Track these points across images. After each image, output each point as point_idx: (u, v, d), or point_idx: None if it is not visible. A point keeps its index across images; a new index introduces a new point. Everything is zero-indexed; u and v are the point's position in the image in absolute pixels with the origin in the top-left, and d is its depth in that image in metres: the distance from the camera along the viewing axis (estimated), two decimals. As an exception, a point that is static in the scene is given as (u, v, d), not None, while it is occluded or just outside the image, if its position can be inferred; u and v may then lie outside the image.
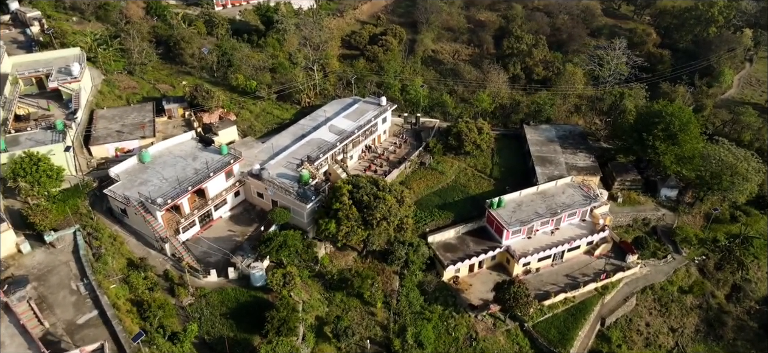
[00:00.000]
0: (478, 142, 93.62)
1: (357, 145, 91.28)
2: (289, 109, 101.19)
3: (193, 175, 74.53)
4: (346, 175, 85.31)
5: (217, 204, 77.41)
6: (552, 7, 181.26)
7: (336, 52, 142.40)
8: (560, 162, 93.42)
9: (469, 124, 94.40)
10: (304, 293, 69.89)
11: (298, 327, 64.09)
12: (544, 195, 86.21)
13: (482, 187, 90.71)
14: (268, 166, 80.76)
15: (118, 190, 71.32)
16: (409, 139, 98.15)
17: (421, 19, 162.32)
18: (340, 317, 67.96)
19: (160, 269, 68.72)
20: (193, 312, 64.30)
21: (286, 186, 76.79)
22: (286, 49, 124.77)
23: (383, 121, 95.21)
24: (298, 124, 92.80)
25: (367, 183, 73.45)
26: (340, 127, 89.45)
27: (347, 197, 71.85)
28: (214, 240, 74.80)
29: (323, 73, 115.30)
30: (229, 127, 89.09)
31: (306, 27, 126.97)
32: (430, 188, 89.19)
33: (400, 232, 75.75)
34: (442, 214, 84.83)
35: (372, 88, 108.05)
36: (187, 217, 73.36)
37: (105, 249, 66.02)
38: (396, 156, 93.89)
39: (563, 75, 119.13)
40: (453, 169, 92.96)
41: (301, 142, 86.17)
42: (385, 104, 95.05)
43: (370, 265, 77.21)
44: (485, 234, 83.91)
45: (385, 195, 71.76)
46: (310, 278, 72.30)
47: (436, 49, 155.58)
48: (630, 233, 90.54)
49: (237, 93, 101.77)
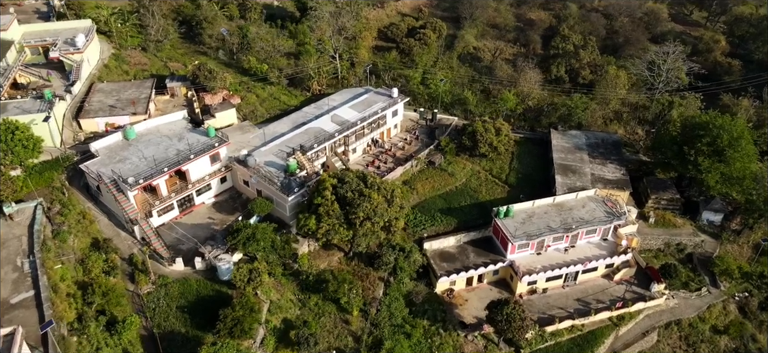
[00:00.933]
0: (494, 144, 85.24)
1: (361, 137, 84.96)
2: (298, 96, 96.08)
3: (175, 156, 70.35)
4: (344, 168, 79.30)
5: (201, 189, 73.02)
6: (612, 9, 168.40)
7: (370, 43, 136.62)
8: (585, 172, 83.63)
9: (487, 124, 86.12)
10: (275, 292, 64.33)
11: (256, 329, 58.53)
12: (561, 208, 76.98)
13: (494, 194, 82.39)
14: (258, 152, 75.80)
15: (94, 167, 68.07)
16: (421, 136, 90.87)
17: (465, 14, 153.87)
18: (306, 322, 61.92)
19: (127, 252, 64.90)
20: (149, 302, 59.96)
21: (270, 175, 71.48)
22: (316, 36, 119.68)
23: (393, 114, 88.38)
24: (301, 111, 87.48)
25: (354, 179, 66.96)
26: (343, 117, 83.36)
27: (330, 192, 65.67)
28: (191, 227, 70.44)
29: (350, 63, 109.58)
30: (227, 109, 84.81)
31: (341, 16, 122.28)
32: (436, 190, 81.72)
33: (388, 234, 68.82)
34: (443, 219, 77.33)
35: (390, 80, 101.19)
36: (164, 200, 69.28)
37: (68, 226, 62.73)
38: (404, 153, 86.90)
39: (604, 78, 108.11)
40: (464, 172, 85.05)
41: (299, 131, 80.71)
42: (396, 96, 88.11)
43: (355, 268, 70.76)
44: (489, 246, 75.76)
45: (371, 193, 65.03)
46: (285, 276, 66.63)
47: (478, 46, 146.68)
48: (660, 258, 79.86)
49: (248, 76, 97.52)
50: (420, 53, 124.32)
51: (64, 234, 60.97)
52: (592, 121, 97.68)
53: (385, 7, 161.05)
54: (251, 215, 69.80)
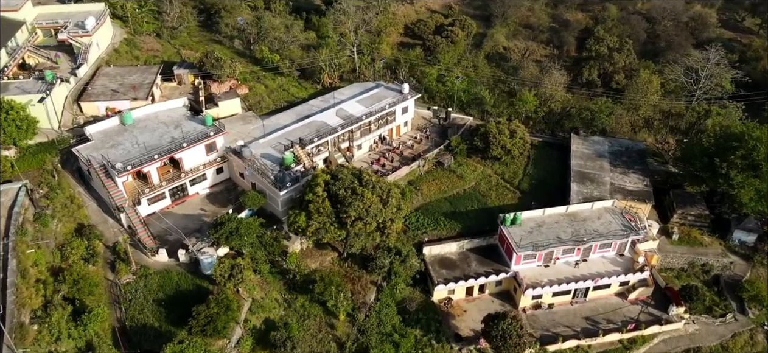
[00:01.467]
0: (508, 147, 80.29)
1: (367, 133, 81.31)
2: (308, 88, 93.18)
3: (168, 143, 68.30)
4: (348, 164, 75.95)
5: (195, 179, 70.85)
6: (656, 12, 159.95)
7: (394, 40, 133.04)
8: (605, 181, 77.84)
9: (501, 125, 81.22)
10: (260, 291, 61.43)
11: (232, 329, 55.72)
12: (574, 218, 71.63)
13: (504, 199, 77.55)
14: (256, 144, 73.17)
15: (86, 151, 66.66)
16: (432, 135, 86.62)
17: (497, 13, 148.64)
18: (287, 324, 58.73)
19: (112, 240, 63.12)
20: (126, 293, 57.85)
21: (264, 167, 68.69)
22: (339, 30, 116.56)
23: (403, 110, 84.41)
24: (307, 104, 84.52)
25: (348, 176, 63.39)
26: (348, 112, 79.90)
27: (322, 188, 62.35)
28: (182, 217, 68.31)
29: (371, 58, 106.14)
30: (231, 98, 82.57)
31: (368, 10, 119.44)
32: (443, 192, 77.43)
33: (383, 237, 65.03)
34: (447, 224, 73.02)
35: (404, 76, 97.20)
36: (155, 188, 67.29)
37: (53, 210, 61.39)
38: (412, 152, 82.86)
39: (635, 82, 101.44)
40: (475, 175, 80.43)
41: (301, 124, 77.69)
42: (407, 92, 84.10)
43: (348, 270, 67.28)
44: (494, 255, 71.06)
45: (365, 192, 61.36)
46: (272, 274, 63.64)
47: (508, 46, 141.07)
48: (681, 279, 73.57)
49: (260, 66, 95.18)
50: (445, 51, 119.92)
51: (46, 217, 59.52)
52: (618, 128, 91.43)
53: (414, 2, 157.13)
54: (243, 208, 67.08)
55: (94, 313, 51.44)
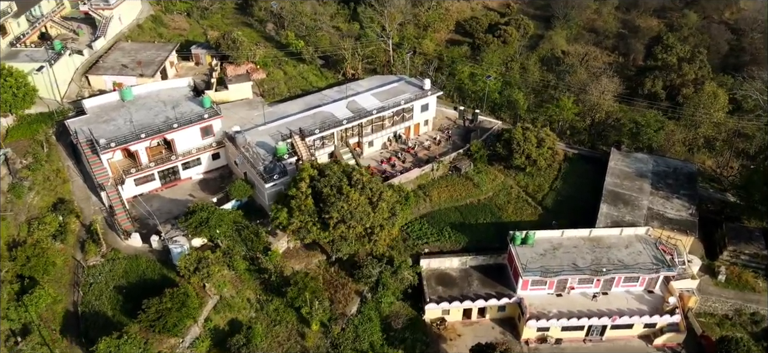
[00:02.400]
0: (533, 156, 71.84)
1: (380, 129, 75.16)
2: (328, 78, 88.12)
3: (161, 122, 65.13)
4: (354, 161, 70.34)
5: (189, 162, 67.50)
6: (743, 23, 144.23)
7: (443, 36, 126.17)
8: (641, 205, 67.97)
9: (528, 132, 72.78)
10: (231, 288, 56.84)
11: (187, 327, 51.40)
12: (598, 244, 62.63)
13: (522, 214, 69.34)
14: (256, 131, 68.99)
15: (78, 124, 64.55)
16: (453, 137, 79.29)
17: (559, 14, 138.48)
18: (251, 329, 53.77)
19: (90, 219, 60.51)
20: (88, 276, 54.82)
21: (256, 156, 64.16)
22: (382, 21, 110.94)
23: (423, 108, 77.59)
24: (321, 93, 79.41)
25: (336, 173, 57.69)
26: (360, 105, 74.07)
27: (306, 184, 57.02)
28: (169, 201, 65.04)
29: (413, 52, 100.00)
30: (243, 82, 78.76)
31: (420, 4, 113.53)
32: (454, 200, 70.22)
33: (370, 243, 58.93)
34: (453, 235, 65.97)
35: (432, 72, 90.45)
36: (143, 169, 64.28)
37: (32, 182, 59.54)
38: (428, 153, 75.95)
39: (698, 96, 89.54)
40: (493, 185, 72.60)
41: (307, 113, 72.64)
42: (428, 88, 77.17)
43: (333, 276, 61.58)
44: (500, 276, 63.33)
45: (350, 192, 55.46)
46: (249, 272, 58.89)
47: (567, 49, 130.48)
48: (724, 328, 62.83)
49: (284, 51, 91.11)
50: (493, 50, 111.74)
51: (21, 188, 57.62)
52: (668, 146, 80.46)
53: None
54: (230, 198, 62.90)
55: (36, 294, 48.45)
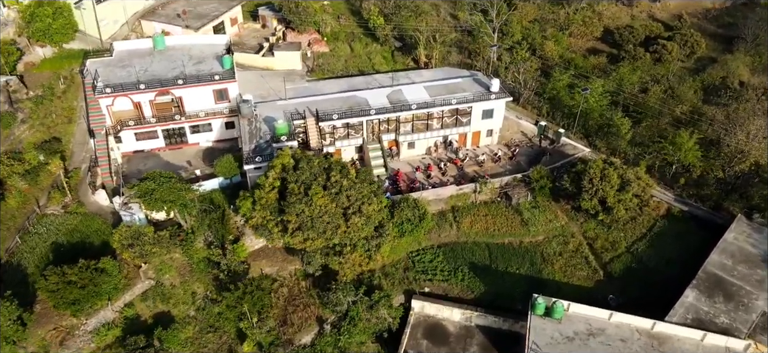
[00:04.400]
0: (609, 203, 53.37)
1: (424, 129, 61.77)
2: (398, 63, 76.04)
3: (169, 76, 59.10)
4: (383, 161, 58.54)
5: (198, 126, 60.97)
6: None
7: (582, 43, 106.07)
8: (753, 306, 46.56)
9: (609, 169, 54.25)
10: (176, 276, 48.86)
11: (96, 309, 44.30)
12: (661, 345, 43.53)
13: (573, 275, 51.95)
14: (274, 105, 60.64)
15: (96, 65, 60.96)
16: (519, 157, 62.92)
17: (745, 35, 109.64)
18: (166, 329, 45.04)
19: (77, 165, 56.66)
20: (37, 225, 50.41)
21: (254, 131, 55.34)
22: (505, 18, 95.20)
23: (485, 113, 62.36)
24: (372, 77, 67.95)
25: (314, 168, 46.49)
26: (403, 97, 61.29)
27: (275, 175, 46.75)
28: (165, 163, 59.03)
29: (532, 51, 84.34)
30: (291, 51, 70.40)
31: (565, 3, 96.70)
32: (489, 235, 55.14)
33: (339, 261, 46.93)
34: (467, 278, 51.21)
35: (520, 66, 73.74)
36: (145, 124, 58.92)
37: (27, 115, 57.15)
38: (479, 170, 60.84)
39: None
40: (548, 227, 55.71)
41: (339, 95, 61.85)
42: (495, 90, 61.67)
43: (302, 291, 50.60)
44: (511, 346, 47.15)
45: (316, 196, 44.00)
46: (207, 262, 50.34)
47: (749, 80, 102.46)
48: None
49: (362, 28, 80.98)
50: (636, 67, 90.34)
51: (9, 118, 55.18)
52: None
53: (633, 5, 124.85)
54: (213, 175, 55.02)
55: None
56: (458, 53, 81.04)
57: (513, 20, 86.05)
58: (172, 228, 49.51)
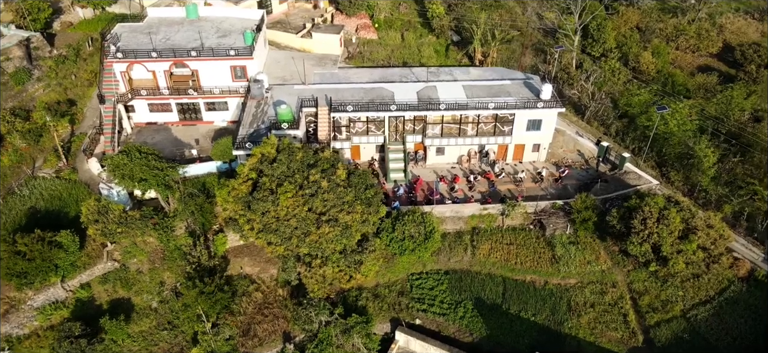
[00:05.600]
0: (664, 251, 42.37)
1: (457, 135, 53.45)
2: (449, 58, 67.75)
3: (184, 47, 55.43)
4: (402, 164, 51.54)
5: (213, 103, 56.93)
6: None
7: (691, 60, 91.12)
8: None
9: (671, 210, 43.07)
10: (145, 261, 44.84)
11: (45, 285, 41.06)
12: None
13: (602, 336, 41.83)
14: (291, 89, 54.92)
15: (123, 30, 58.74)
16: (567, 180, 52.67)
17: None
18: (116, 319, 40.85)
19: (85, 130, 54.75)
20: (23, 186, 48.46)
21: (258, 114, 50.25)
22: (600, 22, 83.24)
23: (532, 124, 52.80)
24: (408, 69, 60.37)
25: (294, 163, 40.27)
26: (435, 94, 53.30)
27: (253, 164, 41.15)
28: (173, 140, 55.55)
29: (624, 62, 73.27)
30: (331, 34, 64.54)
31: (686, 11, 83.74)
32: (508, 268, 46.25)
33: (307, 271, 40.40)
34: (468, 317, 42.78)
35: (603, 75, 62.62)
36: (157, 95, 55.78)
37: (44, 74, 55.96)
38: (516, 190, 51.50)
39: None
40: (585, 270, 45.62)
41: (366, 86, 55.06)
42: (547, 97, 51.93)
43: (277, 299, 44.64)
44: (503, 414, 38.14)
45: (282, 196, 37.82)
46: (180, 251, 45.90)
47: None
48: None
49: (422, 17, 73.57)
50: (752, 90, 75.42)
51: (22, 75, 54.00)
52: None
53: (766, 20, 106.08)
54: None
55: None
56: (534, 55, 71.01)
57: (607, 25, 74.25)
58: (147, 209, 45.37)
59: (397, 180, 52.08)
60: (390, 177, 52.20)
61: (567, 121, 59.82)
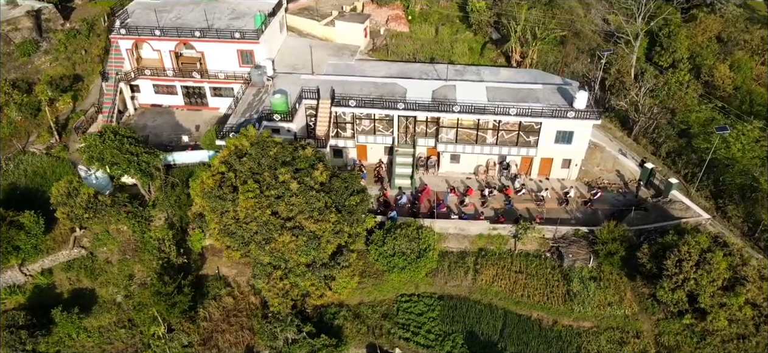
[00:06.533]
0: (701, 302, 34.77)
1: (473, 142, 47.36)
2: (484, 57, 61.29)
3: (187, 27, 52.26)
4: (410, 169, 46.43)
5: (220, 89, 53.61)
6: None
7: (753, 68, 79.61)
8: None
9: (716, 254, 35.31)
10: (115, 251, 41.89)
11: (3, 265, 38.65)
12: None
13: (614, 396, 34.54)
14: (297, 78, 50.46)
15: (137, 7, 56.40)
16: (598, 204, 45.36)
17: None
18: (49, 323, 37.75)
19: (87, 107, 52.88)
20: (9, 161, 46.78)
21: (254, 102, 46.34)
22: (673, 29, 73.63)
23: (562, 136, 45.89)
24: (430, 66, 54.60)
25: (268, 158, 35.81)
26: (452, 95, 47.37)
27: (223, 157, 37.09)
28: (173, 124, 52.63)
29: (695, 75, 64.86)
30: (356, 23, 59.75)
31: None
32: (512, 300, 40.04)
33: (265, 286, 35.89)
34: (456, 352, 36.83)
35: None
36: (161, 74, 53.04)
37: (52, 47, 54.46)
38: (535, 210, 44.85)
39: None
40: (602, 312, 38.72)
41: (380, 80, 49.83)
42: (582, 106, 44.83)
43: (255, 307, 40.43)
44: None
45: (244, 193, 33.47)
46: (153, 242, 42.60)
47: None
48: None
49: (462, 12, 67.48)
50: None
51: (29, 46, 52.69)
52: None
53: None
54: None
55: None
56: (590, 61, 63.19)
57: (680, 33, 65.33)
58: (122, 196, 42.29)
59: (402, 188, 46.69)
60: (394, 183, 46.85)
61: (610, 136, 52.18)
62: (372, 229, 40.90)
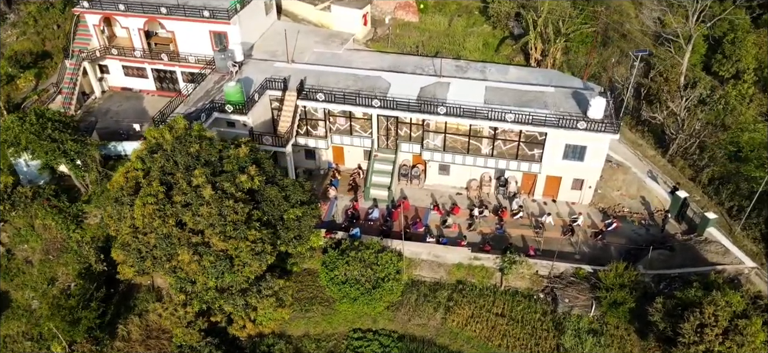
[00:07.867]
0: (725, 383, 25.95)
1: (465, 151, 39.70)
2: (499, 53, 53.10)
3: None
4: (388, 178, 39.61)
5: (192, 74, 47.96)
6: None
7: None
8: None
9: (754, 321, 26.50)
10: (38, 251, 36.78)
11: None
12: None
13: None
14: (274, 66, 44.20)
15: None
16: (607, 237, 36.81)
17: None
18: None
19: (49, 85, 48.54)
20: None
21: (210, 90, 40.44)
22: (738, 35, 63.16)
23: (573, 151, 37.59)
24: (428, 60, 47.08)
25: (184, 157, 29.58)
26: (443, 93, 39.86)
27: (140, 152, 31.16)
28: (139, 110, 47.52)
29: (762, 88, 55.04)
30: (354, 9, 52.86)
31: None
32: (486, 349, 31.93)
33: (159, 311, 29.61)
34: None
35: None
36: (130, 54, 47.91)
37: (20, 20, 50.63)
38: (534, 237, 36.83)
39: None
40: (601, 378, 30.08)
41: (362, 73, 42.95)
42: (598, 115, 36.37)
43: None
44: None
45: (142, 197, 27.37)
46: (84, 244, 37.28)
47: None
48: None
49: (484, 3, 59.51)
50: None
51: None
52: None
53: None
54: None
55: None
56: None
57: (748, 40, 55.33)
58: (49, 188, 37.14)
59: (376, 199, 39.63)
60: (368, 193, 39.80)
61: (639, 154, 43.19)
62: (326, 248, 34.15)
